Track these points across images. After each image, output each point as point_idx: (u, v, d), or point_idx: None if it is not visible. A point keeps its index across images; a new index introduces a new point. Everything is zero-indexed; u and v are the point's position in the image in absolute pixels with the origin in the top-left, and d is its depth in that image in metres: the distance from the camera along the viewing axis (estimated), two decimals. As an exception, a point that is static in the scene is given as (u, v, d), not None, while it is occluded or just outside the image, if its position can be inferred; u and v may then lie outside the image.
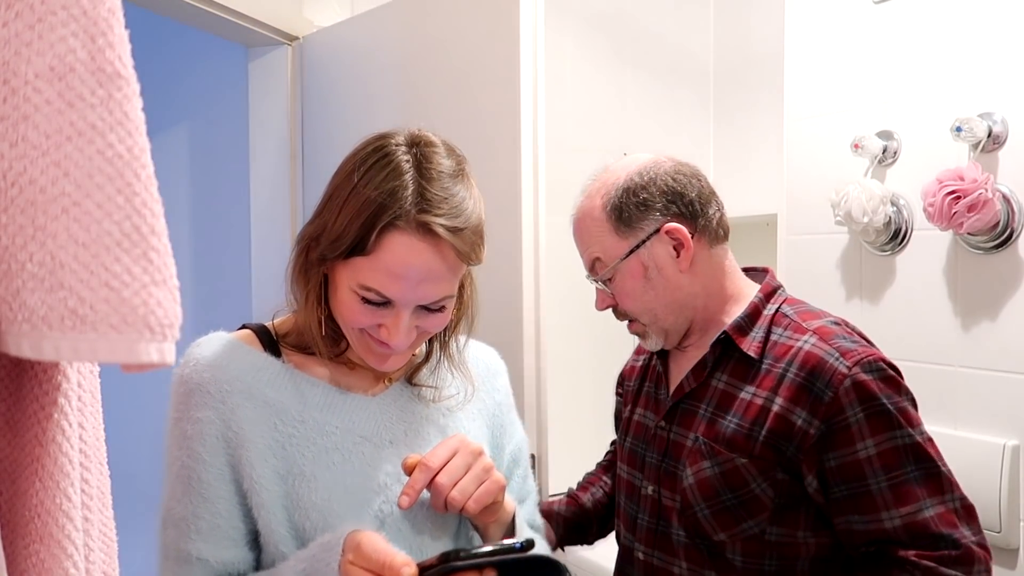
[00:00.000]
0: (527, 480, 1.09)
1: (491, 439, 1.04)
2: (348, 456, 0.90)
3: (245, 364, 0.91)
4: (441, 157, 0.87)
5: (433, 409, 0.99)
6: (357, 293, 0.85)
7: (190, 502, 0.88)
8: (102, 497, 0.66)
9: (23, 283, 0.50)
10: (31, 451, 0.57)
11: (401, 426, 0.95)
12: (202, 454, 0.88)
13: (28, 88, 0.50)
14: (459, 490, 0.86)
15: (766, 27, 2.23)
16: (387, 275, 0.83)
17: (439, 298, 0.87)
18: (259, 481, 0.87)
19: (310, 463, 0.88)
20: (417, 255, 0.83)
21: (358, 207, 0.83)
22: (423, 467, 0.86)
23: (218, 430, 0.88)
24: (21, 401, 0.57)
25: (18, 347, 0.51)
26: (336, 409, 0.92)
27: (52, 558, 0.56)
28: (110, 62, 0.50)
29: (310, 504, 0.87)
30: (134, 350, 0.50)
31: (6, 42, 0.50)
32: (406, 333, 0.87)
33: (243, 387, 0.89)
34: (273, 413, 0.89)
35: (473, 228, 0.86)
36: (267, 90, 2.20)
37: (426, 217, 0.82)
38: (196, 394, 0.89)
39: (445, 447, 0.87)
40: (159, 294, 0.51)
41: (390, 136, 0.88)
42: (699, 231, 1.20)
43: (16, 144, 0.50)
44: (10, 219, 0.50)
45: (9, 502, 0.58)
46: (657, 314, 1.20)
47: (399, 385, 0.99)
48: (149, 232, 0.51)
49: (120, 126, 0.50)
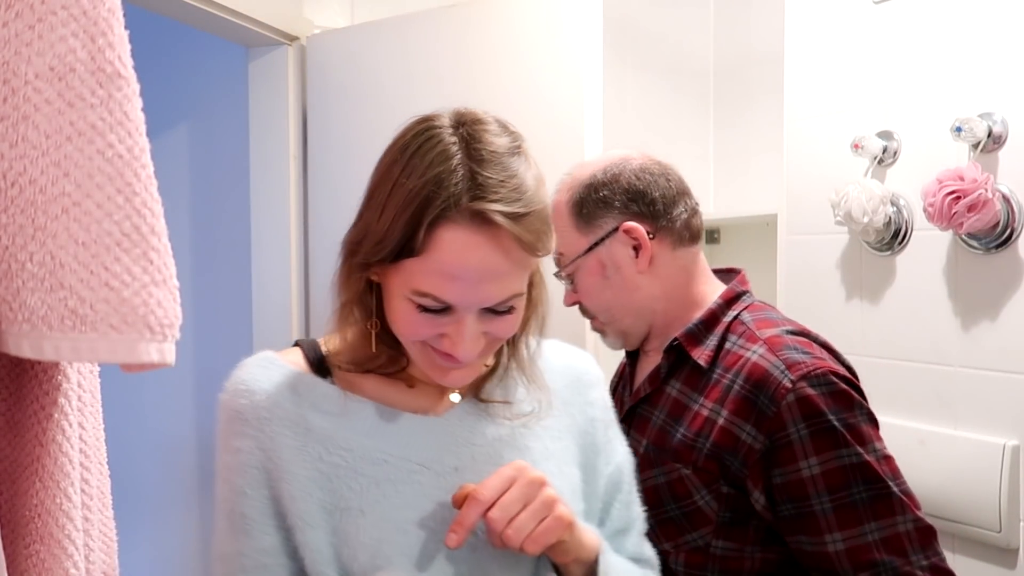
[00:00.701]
0: (631, 507, 0.94)
1: (582, 461, 0.90)
2: (401, 487, 0.79)
3: (286, 387, 0.81)
4: (493, 135, 0.75)
5: (507, 428, 0.85)
6: (412, 300, 0.74)
7: (235, 539, 0.79)
8: (102, 497, 0.66)
9: (23, 283, 0.50)
10: (31, 451, 0.57)
11: (468, 450, 0.83)
12: (243, 487, 0.79)
13: (28, 88, 0.50)
14: (515, 528, 0.74)
15: (766, 27, 2.23)
16: (442, 276, 0.72)
17: (506, 298, 0.75)
18: (302, 517, 0.77)
19: (358, 496, 0.78)
20: (474, 250, 0.71)
21: (402, 202, 0.72)
22: (472, 500, 0.74)
23: (258, 460, 0.79)
24: (21, 401, 0.57)
25: (18, 347, 0.51)
26: (389, 434, 0.81)
27: (52, 558, 0.56)
28: (110, 62, 0.50)
29: (358, 543, 0.77)
30: (134, 350, 0.50)
31: (6, 42, 0.50)
32: (472, 341, 0.76)
33: (283, 413, 0.80)
34: (317, 441, 0.79)
35: (538, 214, 0.74)
36: (267, 90, 2.20)
37: (481, 204, 0.70)
38: (234, 422, 0.80)
39: (500, 476, 0.75)
40: (159, 294, 0.51)
41: (432, 118, 0.77)
42: (660, 232, 1.16)
43: (16, 144, 0.50)
44: (10, 219, 0.50)
45: (9, 502, 0.57)
46: (614, 314, 1.19)
47: (466, 402, 0.86)
48: (149, 232, 0.51)
49: (120, 126, 0.50)
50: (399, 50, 1.91)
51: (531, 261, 0.76)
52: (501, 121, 0.78)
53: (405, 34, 1.91)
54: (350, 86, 2.01)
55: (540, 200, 0.75)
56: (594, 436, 0.92)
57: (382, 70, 1.94)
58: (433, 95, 1.88)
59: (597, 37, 1.68)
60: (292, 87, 2.15)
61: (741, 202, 2.41)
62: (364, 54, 1.99)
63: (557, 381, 0.90)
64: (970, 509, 1.49)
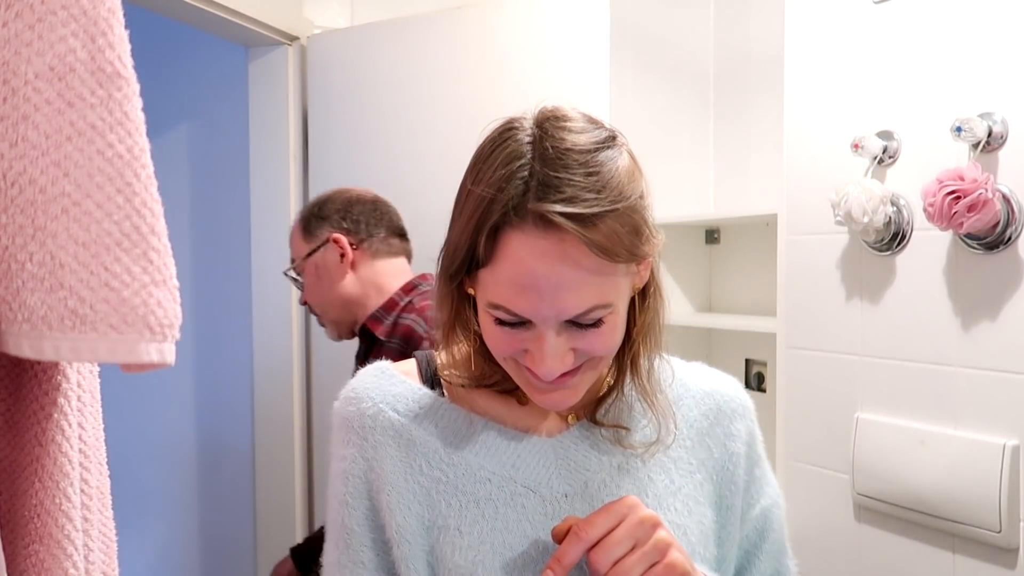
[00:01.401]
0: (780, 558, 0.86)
1: (717, 500, 0.82)
2: (503, 509, 0.75)
3: (393, 396, 0.79)
4: (571, 132, 0.69)
5: (627, 456, 0.79)
6: (490, 314, 0.70)
7: (335, 548, 0.78)
8: (102, 497, 0.66)
9: (23, 283, 0.50)
10: (31, 451, 0.57)
11: (581, 476, 0.77)
12: (346, 497, 0.77)
13: (28, 88, 0.50)
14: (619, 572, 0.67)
15: (766, 27, 2.23)
16: (511, 287, 0.67)
17: (586, 309, 0.68)
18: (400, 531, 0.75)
19: (457, 514, 0.75)
20: (541, 257, 0.65)
21: (471, 209, 0.68)
22: (574, 536, 0.67)
23: (361, 470, 0.77)
24: (21, 401, 0.57)
25: (18, 347, 0.51)
26: (496, 452, 0.77)
27: (52, 558, 0.56)
28: (110, 62, 0.50)
29: (452, 564, 0.73)
30: (134, 350, 0.50)
31: (6, 42, 0.50)
32: (556, 358, 0.69)
33: (387, 423, 0.77)
34: (419, 454, 0.77)
35: (619, 214, 0.67)
36: (267, 90, 2.20)
37: (543, 205, 0.64)
38: (342, 430, 0.79)
39: (608, 512, 0.68)
40: (159, 294, 0.51)
41: (516, 119, 0.72)
42: (362, 244, 1.55)
43: (16, 144, 0.50)
44: (10, 219, 0.50)
45: (9, 502, 0.57)
46: (326, 308, 1.56)
47: (582, 425, 0.80)
48: (149, 232, 0.51)
49: (120, 126, 0.50)
50: (401, 52, 1.91)
51: (614, 268, 0.69)
52: (591, 117, 0.73)
53: (407, 36, 1.91)
54: (351, 86, 2.01)
55: (623, 198, 0.68)
56: (734, 473, 0.84)
57: (383, 71, 1.94)
58: (435, 97, 1.88)
59: (604, 40, 1.69)
60: (292, 87, 2.15)
61: (741, 202, 2.41)
62: (365, 55, 1.99)
63: (694, 409, 0.85)
64: (970, 509, 1.49)
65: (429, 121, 1.82)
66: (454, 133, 1.79)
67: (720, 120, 2.49)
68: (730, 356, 2.45)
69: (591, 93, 1.67)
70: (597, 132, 0.71)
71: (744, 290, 2.41)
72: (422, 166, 1.89)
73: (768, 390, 2.31)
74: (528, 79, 1.72)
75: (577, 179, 0.66)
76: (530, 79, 1.72)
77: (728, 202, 2.47)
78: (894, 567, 1.68)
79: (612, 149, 0.70)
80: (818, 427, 1.84)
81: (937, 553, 1.60)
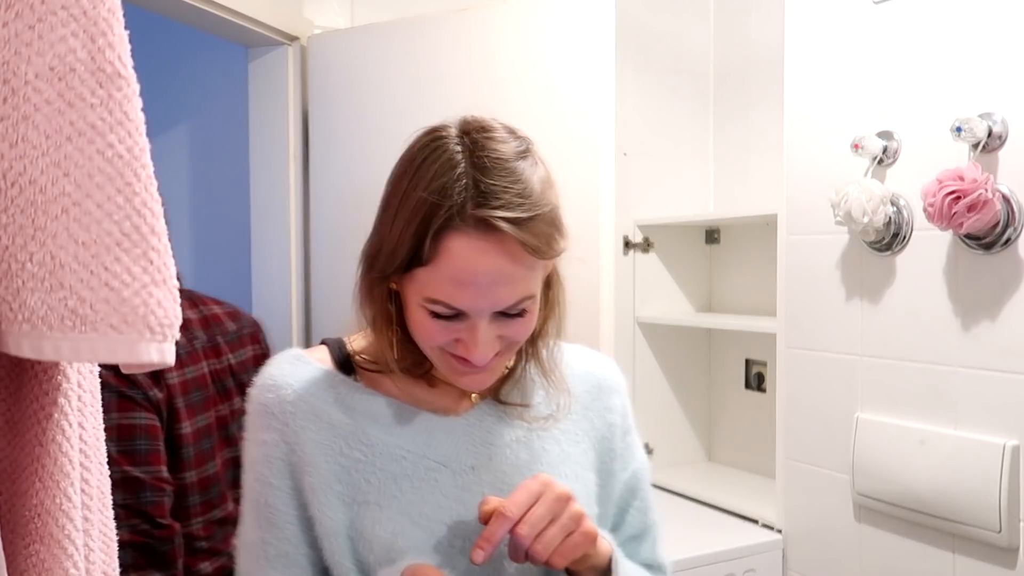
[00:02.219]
0: (647, 513, 0.97)
1: (599, 466, 0.92)
2: (418, 483, 0.82)
3: (311, 383, 0.85)
4: (498, 142, 0.77)
5: (526, 430, 0.88)
6: (425, 308, 0.77)
7: (259, 527, 0.83)
8: (102, 497, 0.66)
9: (23, 283, 0.50)
10: (31, 451, 0.57)
11: (486, 450, 0.85)
12: (268, 478, 0.83)
13: (28, 88, 0.50)
14: (542, 543, 0.75)
15: (766, 27, 2.23)
16: (452, 284, 0.74)
17: (517, 301, 0.76)
18: (322, 509, 0.81)
19: (376, 490, 0.81)
20: (481, 256, 0.73)
21: (410, 212, 0.74)
22: (500, 516, 0.74)
23: (282, 453, 0.82)
24: (21, 401, 0.57)
25: (18, 347, 0.51)
26: (409, 431, 0.84)
27: (52, 558, 0.56)
28: (110, 62, 0.50)
29: (373, 536, 0.80)
30: (134, 350, 0.50)
31: (6, 42, 0.50)
32: (487, 346, 0.78)
33: (307, 408, 0.83)
34: (338, 436, 0.83)
35: (545, 217, 0.76)
36: (267, 90, 2.20)
37: (484, 211, 0.72)
38: (261, 416, 0.84)
39: (527, 491, 0.76)
40: (159, 294, 0.51)
41: (439, 128, 0.79)
42: None
43: (16, 144, 0.50)
44: (10, 219, 0.50)
45: (9, 502, 0.57)
46: None
47: (486, 403, 0.88)
48: (149, 232, 0.51)
49: (120, 126, 0.50)
50: (403, 53, 1.91)
51: (540, 264, 0.78)
52: (509, 127, 0.81)
53: (410, 37, 1.91)
54: (351, 87, 2.01)
55: (547, 203, 0.77)
56: (612, 441, 0.93)
57: (384, 72, 1.94)
58: (436, 98, 1.88)
59: (609, 43, 1.68)
60: (292, 87, 2.15)
61: (741, 202, 2.41)
62: (366, 56, 1.99)
63: (578, 386, 0.92)
64: (970, 509, 1.49)
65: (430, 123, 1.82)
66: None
67: (720, 120, 2.49)
68: (730, 356, 2.45)
69: (595, 95, 1.66)
70: (517, 142, 0.79)
71: (744, 290, 2.41)
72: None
73: (768, 390, 2.31)
74: (531, 82, 1.72)
75: (510, 186, 0.74)
76: (533, 82, 1.72)
77: (728, 202, 2.46)
78: (894, 567, 1.68)
79: (530, 156, 0.79)
80: (818, 427, 1.84)
81: (937, 553, 1.60)
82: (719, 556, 1.88)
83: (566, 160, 1.68)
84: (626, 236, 2.41)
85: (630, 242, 2.42)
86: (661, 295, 2.47)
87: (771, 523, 1.98)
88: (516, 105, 1.72)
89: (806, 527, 1.89)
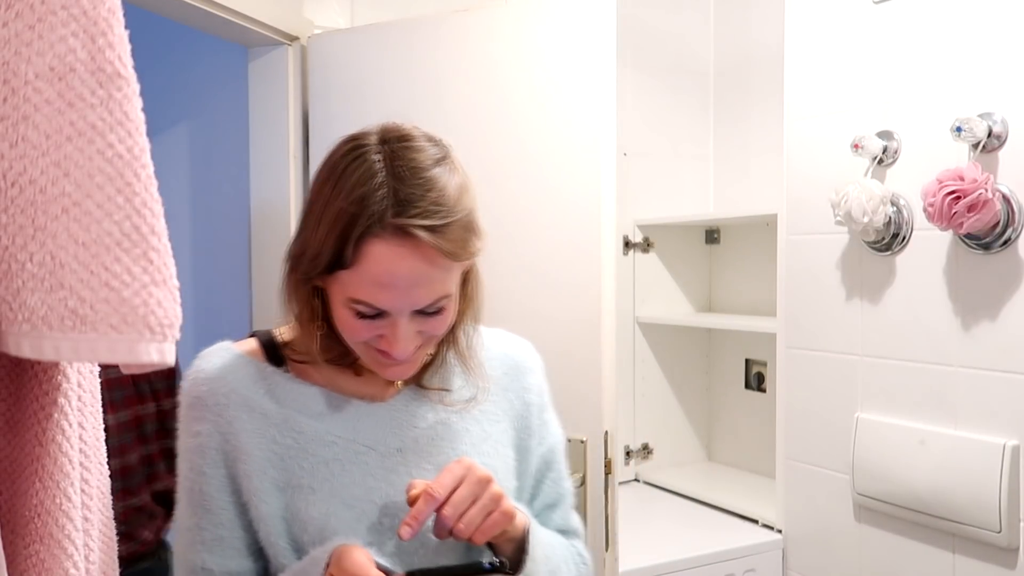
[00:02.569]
0: (560, 482, 1.03)
1: (517, 442, 0.98)
2: (348, 466, 0.87)
3: (243, 375, 0.89)
4: (416, 151, 0.82)
5: (448, 412, 0.94)
6: (349, 307, 0.82)
7: (194, 514, 0.87)
8: (102, 497, 0.66)
9: (23, 283, 0.50)
10: (31, 451, 0.57)
11: (411, 432, 0.91)
12: (203, 467, 0.87)
13: (28, 88, 0.50)
14: (465, 522, 0.81)
15: (766, 27, 2.23)
16: (374, 286, 0.80)
17: (434, 300, 0.83)
18: (257, 493, 0.85)
19: (308, 475, 0.86)
20: (400, 262, 0.79)
21: (333, 219, 0.79)
22: (427, 497, 0.80)
23: (216, 443, 0.87)
24: (21, 401, 0.57)
25: (18, 347, 0.51)
26: (337, 418, 0.89)
27: (52, 558, 0.56)
28: (110, 62, 0.50)
29: (307, 517, 0.85)
30: (134, 350, 0.50)
31: (6, 42, 0.50)
32: (407, 341, 0.84)
33: (240, 399, 0.87)
34: (271, 424, 0.87)
35: (460, 223, 0.81)
36: (267, 90, 2.20)
37: (402, 220, 0.78)
38: (195, 408, 0.88)
39: (450, 475, 0.82)
40: (159, 294, 0.51)
41: (360, 137, 0.85)
42: None
43: (16, 144, 0.50)
44: (10, 219, 0.50)
45: (9, 502, 0.57)
46: None
47: (409, 389, 0.94)
48: (149, 232, 0.51)
49: (120, 126, 0.50)
50: (403, 53, 1.91)
51: (457, 265, 0.84)
52: (428, 135, 0.86)
53: (412, 38, 1.91)
54: (352, 87, 2.01)
55: (462, 209, 0.82)
56: (529, 419, 0.99)
57: (384, 72, 1.93)
58: (436, 98, 1.88)
59: (611, 44, 1.67)
60: (292, 87, 2.15)
61: (741, 202, 2.41)
62: (366, 56, 1.99)
63: (496, 368, 0.98)
64: (970, 509, 1.49)
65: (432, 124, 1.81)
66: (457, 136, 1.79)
67: (720, 120, 2.49)
68: (730, 356, 2.45)
69: (596, 96, 1.66)
70: (436, 149, 0.84)
71: (744, 290, 2.41)
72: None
73: (768, 390, 2.31)
74: (531, 83, 1.72)
75: (427, 195, 0.79)
76: (533, 83, 1.71)
77: (728, 202, 2.47)
78: (894, 567, 1.68)
79: (448, 163, 0.84)
80: (818, 427, 1.84)
81: (937, 553, 1.60)
82: (719, 556, 1.89)
83: (567, 161, 1.69)
84: (626, 236, 2.41)
85: (630, 242, 2.42)
86: (661, 295, 2.47)
87: (771, 523, 1.98)
88: (516, 106, 1.72)
89: (806, 527, 1.89)
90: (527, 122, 1.70)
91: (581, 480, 1.65)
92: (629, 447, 2.41)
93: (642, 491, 2.35)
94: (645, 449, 2.44)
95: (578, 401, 1.66)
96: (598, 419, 1.65)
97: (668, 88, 2.44)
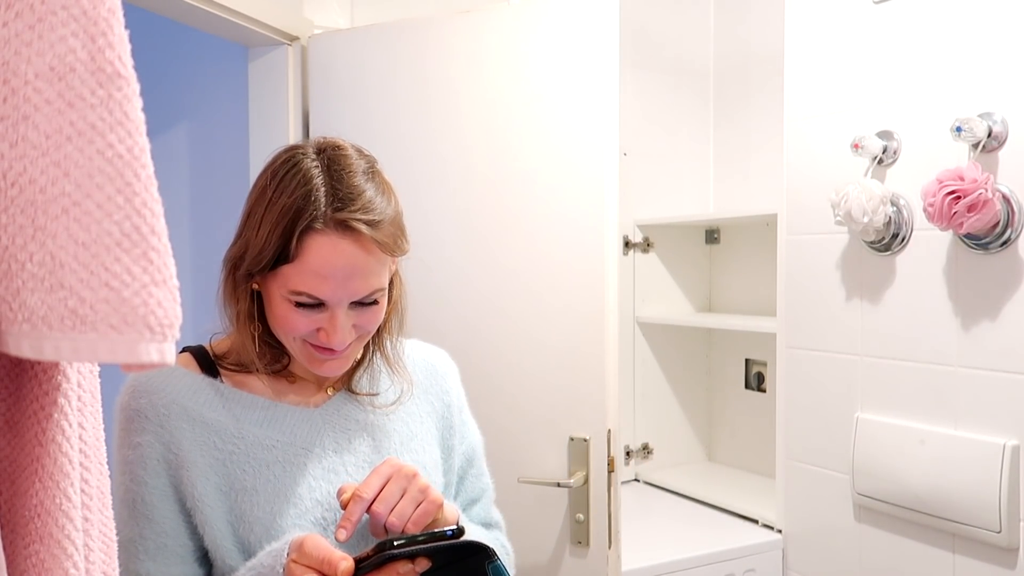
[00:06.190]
0: (481, 478, 1.12)
1: (440, 440, 1.06)
2: (289, 468, 0.93)
3: (182, 387, 0.93)
4: (349, 159, 0.90)
5: (377, 414, 1.01)
6: (289, 300, 0.88)
7: (136, 524, 0.90)
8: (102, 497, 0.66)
9: (23, 283, 0.50)
10: (31, 451, 0.57)
11: (344, 434, 0.98)
12: (144, 477, 0.90)
13: (28, 88, 0.50)
14: (397, 515, 0.86)
15: (766, 27, 2.23)
16: (315, 276, 0.86)
17: (370, 291, 0.89)
18: (201, 499, 0.89)
19: (251, 478, 0.91)
20: (340, 252, 0.85)
21: (276, 217, 0.86)
22: (357, 498, 0.86)
23: (158, 453, 0.90)
24: (21, 401, 0.57)
25: (18, 347, 0.51)
26: (275, 423, 0.95)
27: (52, 558, 0.56)
28: (110, 62, 0.50)
29: (253, 518, 0.89)
30: (134, 350, 0.50)
31: (6, 42, 0.50)
32: (345, 332, 0.89)
33: (180, 410, 0.91)
34: (212, 433, 0.92)
35: (391, 220, 0.90)
36: (267, 90, 2.20)
37: (342, 214, 0.85)
38: (135, 420, 0.91)
39: (378, 475, 0.88)
40: (159, 294, 0.51)
41: (298, 147, 0.92)
42: None
43: (16, 144, 0.50)
44: (10, 219, 0.50)
45: (9, 502, 0.57)
46: None
47: (341, 394, 1.01)
48: (149, 232, 0.51)
49: (120, 126, 0.50)
50: (404, 53, 1.91)
51: (388, 260, 0.91)
52: (356, 147, 0.94)
53: (413, 38, 1.91)
54: (351, 87, 2.01)
55: (392, 211, 0.91)
56: (451, 419, 1.08)
57: (385, 72, 1.94)
58: (437, 98, 1.88)
59: (613, 44, 1.67)
60: (292, 87, 2.15)
61: (741, 202, 2.41)
62: (366, 56, 1.99)
63: (418, 372, 1.06)
64: (970, 509, 1.49)
65: (433, 123, 1.82)
66: (460, 135, 1.80)
67: (720, 120, 2.49)
68: (730, 356, 2.45)
69: (598, 97, 1.66)
70: (364, 160, 0.93)
71: (744, 290, 2.41)
72: (425, 167, 1.89)
73: (768, 390, 2.31)
74: (531, 84, 1.72)
75: (363, 194, 0.88)
76: (533, 84, 1.72)
77: (728, 202, 2.47)
78: (894, 567, 1.68)
79: (375, 172, 0.93)
80: (818, 427, 1.84)
81: (937, 553, 1.60)
82: (719, 556, 1.89)
83: (569, 160, 1.69)
84: (626, 236, 2.41)
85: (630, 242, 2.42)
86: (661, 295, 2.47)
87: (771, 523, 1.99)
88: (517, 107, 1.72)
89: (806, 527, 1.89)
90: (529, 122, 1.71)
91: (584, 479, 1.65)
92: (629, 447, 2.42)
93: (642, 491, 2.36)
94: (645, 449, 2.44)
95: (581, 399, 1.67)
96: (601, 417, 1.65)
97: (668, 88, 2.44)
